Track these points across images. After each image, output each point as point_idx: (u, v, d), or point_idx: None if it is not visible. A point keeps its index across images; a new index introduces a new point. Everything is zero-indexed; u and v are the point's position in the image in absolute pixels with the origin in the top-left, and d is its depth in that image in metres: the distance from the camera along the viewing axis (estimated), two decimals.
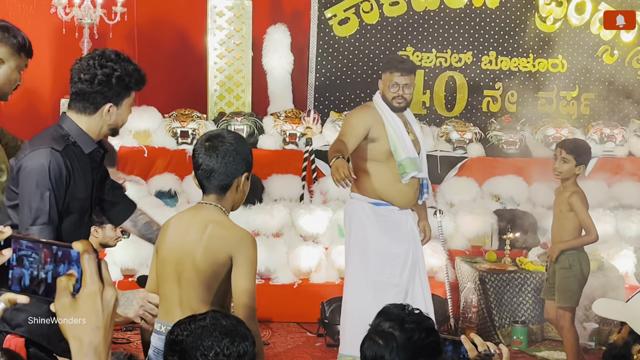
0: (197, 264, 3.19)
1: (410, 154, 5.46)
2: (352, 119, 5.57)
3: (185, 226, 3.30)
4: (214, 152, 3.26)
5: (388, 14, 9.25)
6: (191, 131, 8.18)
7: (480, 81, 9.43)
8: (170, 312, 3.22)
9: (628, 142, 8.96)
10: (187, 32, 9.17)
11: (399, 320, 2.51)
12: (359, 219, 5.54)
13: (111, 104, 3.43)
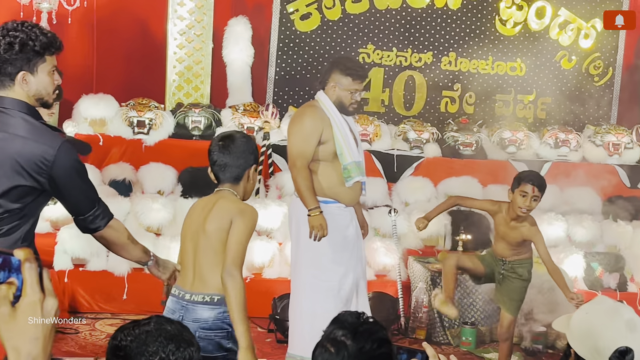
0: (207, 233, 3.82)
1: (355, 157, 5.44)
2: (306, 128, 5.41)
3: (202, 206, 3.97)
4: (226, 149, 3.92)
5: (350, 11, 9.25)
6: (148, 121, 8.11)
7: (440, 82, 9.48)
8: (186, 278, 3.87)
9: (582, 148, 9.07)
10: (147, 21, 9.08)
11: (352, 329, 2.50)
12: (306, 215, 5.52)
13: (24, 71, 3.36)
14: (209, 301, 3.79)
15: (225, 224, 3.79)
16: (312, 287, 5.49)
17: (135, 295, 6.98)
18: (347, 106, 5.47)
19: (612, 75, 9.86)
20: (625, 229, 8.13)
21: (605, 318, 2.76)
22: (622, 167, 8.91)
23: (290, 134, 5.52)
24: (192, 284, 3.82)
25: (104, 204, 3.65)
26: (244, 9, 9.11)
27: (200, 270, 3.82)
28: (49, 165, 3.33)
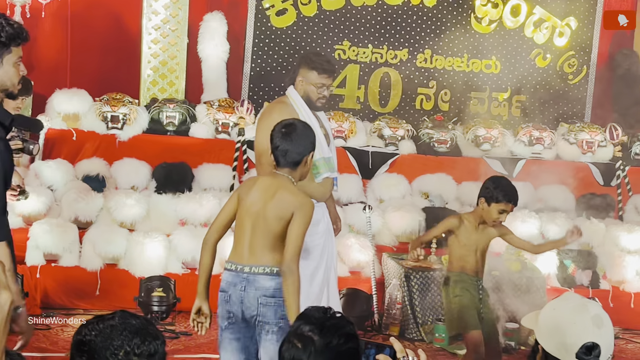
0: (267, 218, 4.13)
1: (324, 153, 5.39)
2: (272, 125, 5.40)
3: (264, 189, 4.24)
4: (288, 137, 4.22)
5: (326, 7, 9.24)
6: (122, 116, 8.06)
7: (415, 79, 9.49)
8: (241, 253, 4.24)
9: (556, 146, 9.11)
10: (122, 15, 9.03)
11: (319, 324, 2.50)
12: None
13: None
14: (269, 272, 4.15)
15: (286, 215, 4.12)
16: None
17: (108, 291, 6.94)
18: (315, 101, 5.40)
19: (587, 74, 9.91)
20: (598, 226, 8.18)
21: (572, 314, 2.78)
22: (595, 165, 8.96)
23: (258, 131, 5.43)
24: (248, 258, 4.20)
25: (4, 221, 3.49)
26: (220, 5, 9.09)
27: (255, 248, 4.19)
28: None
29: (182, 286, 6.84)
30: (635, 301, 7.73)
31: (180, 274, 7.06)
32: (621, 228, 8.19)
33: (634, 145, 9.14)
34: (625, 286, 7.86)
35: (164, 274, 6.92)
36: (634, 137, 9.20)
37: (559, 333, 2.76)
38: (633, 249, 8.05)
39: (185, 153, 8.14)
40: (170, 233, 7.24)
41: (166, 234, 7.22)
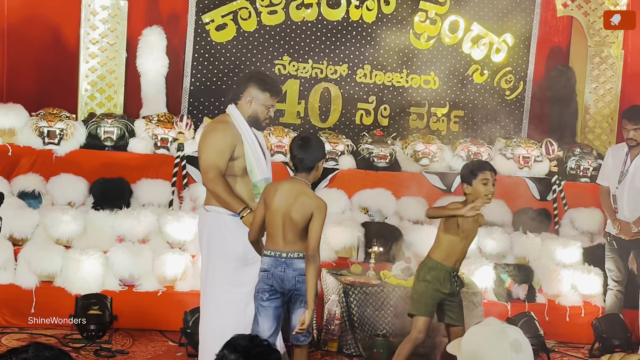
0: (292, 218, 5.06)
1: (265, 174, 5.49)
2: (219, 143, 5.44)
3: (287, 192, 5.11)
4: (304, 147, 5.14)
5: (266, 22, 9.25)
6: (59, 131, 7.96)
7: (355, 94, 9.55)
8: (276, 242, 5.14)
9: (493, 160, 9.20)
10: (59, 29, 8.94)
11: (244, 352, 2.49)
12: (220, 230, 5.51)
13: None
14: (302, 257, 5.07)
15: (307, 215, 5.04)
16: (224, 301, 5.50)
17: (44, 309, 6.84)
18: (262, 121, 5.56)
19: (523, 90, 10.06)
20: (534, 241, 8.30)
21: (491, 339, 2.81)
22: (531, 180, 9.09)
23: (202, 149, 5.50)
24: (283, 246, 5.11)
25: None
26: (159, 19, 9.04)
27: (288, 239, 5.10)
28: None
29: (119, 304, 6.77)
30: (571, 314, 7.86)
31: (117, 291, 7.00)
32: (557, 242, 8.32)
33: (570, 160, 9.29)
34: (560, 300, 7.98)
35: (100, 292, 6.85)
36: (570, 152, 9.35)
37: (479, 358, 2.80)
38: (568, 262, 8.18)
39: (124, 168, 8.08)
40: (108, 250, 7.17)
41: (103, 250, 7.15)
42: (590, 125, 10.08)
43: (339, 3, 9.41)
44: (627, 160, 7.50)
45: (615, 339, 7.26)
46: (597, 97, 10.06)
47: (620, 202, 7.48)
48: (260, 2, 9.20)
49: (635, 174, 7.41)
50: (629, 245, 7.48)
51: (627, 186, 7.44)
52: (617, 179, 7.52)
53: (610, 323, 7.39)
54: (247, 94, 5.53)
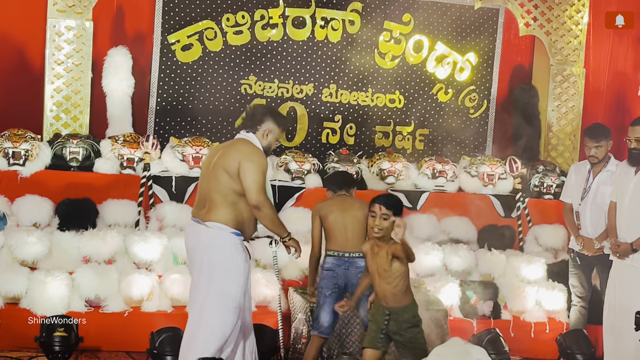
0: (350, 224, 6.44)
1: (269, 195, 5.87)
2: (264, 167, 5.71)
3: (343, 207, 6.56)
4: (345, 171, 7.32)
5: (232, 42, 9.30)
6: (24, 152, 7.93)
7: (321, 113, 9.61)
8: (341, 245, 6.45)
9: (458, 178, 9.29)
10: (24, 50, 8.91)
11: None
12: (226, 247, 5.65)
13: None
14: (362, 256, 5.99)
15: (363, 219, 6.20)
16: (228, 314, 5.64)
17: (9, 331, 6.78)
18: (269, 151, 6.01)
19: (487, 108, 10.18)
20: (499, 257, 8.37)
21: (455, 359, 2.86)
22: (496, 197, 9.17)
23: (252, 170, 5.62)
24: (346, 247, 6.40)
25: None
26: (124, 39, 9.04)
27: (349, 241, 6.40)
28: None
29: (85, 325, 6.73)
30: (535, 330, 7.93)
31: (83, 312, 6.96)
32: (521, 259, 8.39)
33: (533, 177, 9.39)
34: (525, 316, 8.05)
35: (66, 313, 6.81)
36: (533, 170, 9.45)
37: None
38: (533, 279, 8.25)
39: (90, 189, 8.05)
40: (73, 271, 7.14)
41: (69, 271, 7.12)
42: (553, 143, 10.20)
43: (304, 23, 9.49)
44: (589, 178, 7.60)
45: (579, 355, 7.31)
46: (559, 115, 10.19)
47: (583, 218, 7.58)
48: (226, 22, 9.25)
49: (597, 191, 7.50)
50: (592, 261, 7.56)
51: (589, 203, 7.54)
52: (579, 196, 7.61)
53: (575, 338, 7.45)
54: (265, 126, 5.88)
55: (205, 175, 5.80)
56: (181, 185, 8.33)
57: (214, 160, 5.75)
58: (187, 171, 8.40)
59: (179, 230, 7.88)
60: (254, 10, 9.35)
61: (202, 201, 5.78)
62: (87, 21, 8.67)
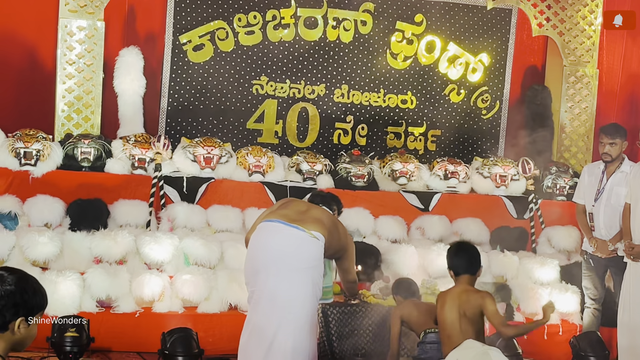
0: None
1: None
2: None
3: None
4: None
5: (243, 43, 9.28)
6: (35, 152, 7.93)
7: (332, 113, 9.58)
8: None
9: (470, 179, 9.26)
10: (36, 50, 8.91)
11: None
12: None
13: None
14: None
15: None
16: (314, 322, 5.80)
17: None
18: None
19: (499, 109, 10.13)
20: (512, 259, 8.32)
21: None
22: (508, 199, 9.13)
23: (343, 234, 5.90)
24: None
25: None
26: (136, 39, 9.04)
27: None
28: None
29: (96, 325, 6.71)
30: (549, 333, 7.86)
31: (94, 313, 6.93)
32: (534, 261, 8.33)
33: (546, 178, 9.35)
34: (538, 318, 7.98)
35: (78, 313, 6.79)
36: (546, 171, 9.41)
37: None
38: (546, 281, 8.20)
39: (101, 189, 8.05)
40: (85, 271, 7.12)
41: (80, 272, 7.10)
42: (566, 144, 10.15)
43: (316, 23, 9.46)
44: (603, 179, 7.54)
45: (593, 357, 7.26)
46: (572, 116, 10.14)
47: (596, 220, 7.51)
48: (238, 22, 9.23)
49: (611, 192, 7.44)
50: (605, 263, 7.51)
51: (603, 204, 7.47)
52: (593, 197, 7.55)
53: (588, 341, 7.39)
54: (336, 211, 6.16)
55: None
56: (192, 186, 8.33)
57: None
58: (198, 172, 8.39)
59: (190, 231, 7.89)
60: (266, 10, 9.34)
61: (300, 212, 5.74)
62: (99, 21, 8.66)
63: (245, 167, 8.59)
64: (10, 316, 3.20)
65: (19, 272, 3.28)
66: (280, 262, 5.49)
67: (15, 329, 3.21)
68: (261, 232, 5.64)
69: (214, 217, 8.19)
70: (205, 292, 7.22)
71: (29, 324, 3.26)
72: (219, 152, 8.46)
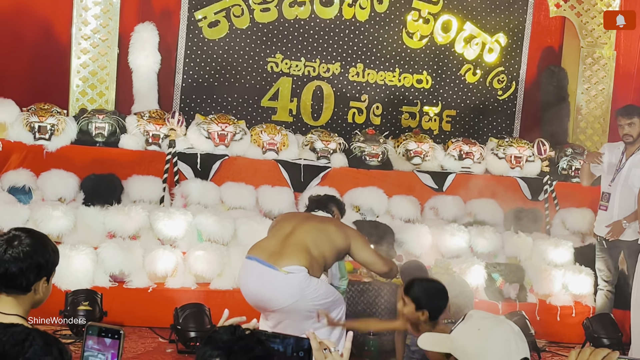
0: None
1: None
2: None
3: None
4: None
5: (259, 20, 9.24)
6: (50, 127, 7.93)
7: (347, 92, 9.54)
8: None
9: (485, 160, 9.23)
10: (51, 24, 8.90)
11: (226, 348, 2.35)
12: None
13: None
14: None
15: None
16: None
17: None
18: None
19: (515, 90, 10.07)
20: (526, 240, 8.29)
21: (500, 331, 2.78)
22: (523, 180, 9.10)
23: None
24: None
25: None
26: (151, 15, 9.01)
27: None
28: None
29: (109, 300, 6.74)
30: (561, 314, 7.84)
31: (107, 287, 6.94)
32: (548, 242, 8.30)
33: (561, 160, 9.31)
34: (551, 299, 7.97)
35: (90, 287, 6.80)
36: (561, 152, 9.36)
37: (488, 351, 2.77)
38: (559, 262, 8.17)
39: (115, 164, 8.05)
40: (98, 246, 7.13)
41: (94, 246, 7.11)
42: (582, 126, 10.09)
43: (332, 1, 9.41)
44: (622, 159, 7.48)
45: (606, 339, 7.25)
46: (589, 98, 10.07)
47: (612, 200, 7.45)
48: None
49: (629, 172, 7.38)
50: (619, 245, 7.46)
51: (620, 184, 7.40)
52: (610, 177, 7.49)
53: (601, 323, 7.38)
54: (336, 212, 6.12)
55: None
56: (206, 163, 8.32)
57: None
58: (212, 148, 8.38)
59: (203, 207, 7.88)
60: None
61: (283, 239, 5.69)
62: None
63: (259, 145, 8.57)
64: (34, 277, 3.20)
65: (33, 232, 3.27)
66: (267, 304, 5.38)
67: (38, 290, 3.21)
68: (242, 271, 5.60)
69: (227, 194, 8.19)
70: (218, 269, 7.23)
71: (47, 282, 3.27)
72: (233, 129, 8.45)
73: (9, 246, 3.17)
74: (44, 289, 3.26)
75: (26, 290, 3.20)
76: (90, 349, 2.58)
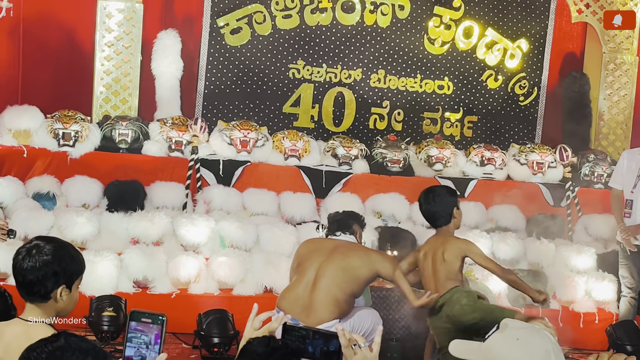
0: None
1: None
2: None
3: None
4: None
5: (280, 26, 9.27)
6: (74, 133, 7.99)
7: (369, 98, 9.55)
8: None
9: (507, 166, 9.21)
10: (75, 32, 8.96)
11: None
12: None
13: None
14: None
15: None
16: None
17: None
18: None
19: (537, 95, 10.05)
20: (548, 246, 8.26)
21: (538, 342, 2.73)
22: (545, 186, 9.07)
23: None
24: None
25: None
26: (174, 22, 9.06)
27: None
28: None
29: (133, 305, 6.72)
30: (584, 321, 7.82)
31: (131, 293, 6.98)
32: (571, 249, 8.28)
33: (584, 166, 9.27)
34: (574, 306, 7.94)
35: (114, 293, 6.84)
36: (584, 159, 9.33)
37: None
38: (582, 269, 8.14)
39: (138, 171, 8.09)
40: (122, 252, 7.16)
41: (117, 252, 7.15)
42: (604, 132, 10.06)
43: (354, 8, 9.43)
44: None
45: (629, 346, 7.21)
46: (611, 104, 10.04)
47: (635, 206, 7.42)
48: (275, 6, 9.22)
49: None
50: None
51: None
52: (632, 184, 7.46)
53: (625, 329, 7.35)
54: (356, 229, 6.26)
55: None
56: (228, 169, 8.35)
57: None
58: (234, 155, 8.41)
59: (225, 214, 7.90)
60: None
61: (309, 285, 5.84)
62: (137, 3, 8.69)
63: (281, 151, 8.60)
64: (52, 285, 3.24)
65: (55, 241, 3.33)
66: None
67: (57, 297, 3.25)
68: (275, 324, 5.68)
69: (249, 200, 8.21)
70: (241, 275, 7.25)
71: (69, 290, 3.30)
72: (255, 136, 8.47)
73: (28, 255, 3.25)
74: (65, 297, 3.29)
75: (45, 298, 3.26)
76: (133, 330, 2.78)
